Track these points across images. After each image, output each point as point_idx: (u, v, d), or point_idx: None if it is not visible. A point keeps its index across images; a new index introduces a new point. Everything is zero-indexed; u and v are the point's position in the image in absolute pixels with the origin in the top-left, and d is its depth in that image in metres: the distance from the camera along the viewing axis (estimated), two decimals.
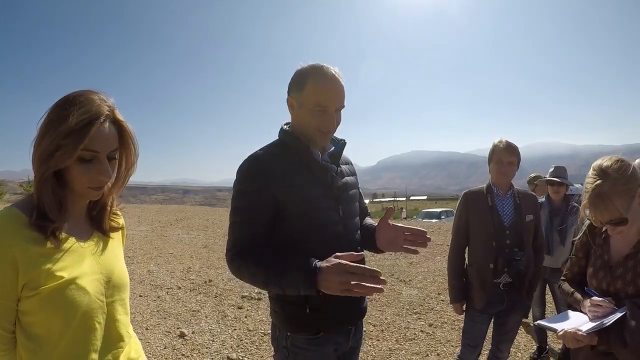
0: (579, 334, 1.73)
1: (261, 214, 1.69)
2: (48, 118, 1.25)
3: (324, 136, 1.76)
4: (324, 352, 1.84)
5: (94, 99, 1.28)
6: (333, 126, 1.75)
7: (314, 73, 1.70)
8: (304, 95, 1.70)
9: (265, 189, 1.67)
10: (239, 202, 1.72)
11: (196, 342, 4.89)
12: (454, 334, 5.05)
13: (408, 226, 1.83)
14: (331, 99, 1.70)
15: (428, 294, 6.77)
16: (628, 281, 1.80)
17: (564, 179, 4.31)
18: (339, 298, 1.79)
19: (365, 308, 2.02)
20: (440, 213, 26.41)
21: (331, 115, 1.72)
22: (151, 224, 15.83)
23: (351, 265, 1.44)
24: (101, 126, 1.26)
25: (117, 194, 1.49)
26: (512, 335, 3.17)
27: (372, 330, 5.21)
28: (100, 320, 1.35)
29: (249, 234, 1.69)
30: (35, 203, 1.26)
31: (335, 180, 1.81)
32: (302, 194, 1.72)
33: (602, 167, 1.75)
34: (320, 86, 1.69)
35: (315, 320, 1.78)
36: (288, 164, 1.74)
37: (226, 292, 6.85)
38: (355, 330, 1.98)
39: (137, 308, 6.03)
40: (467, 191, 3.16)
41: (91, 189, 1.32)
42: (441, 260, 9.10)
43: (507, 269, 2.86)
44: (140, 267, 8.59)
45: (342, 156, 1.97)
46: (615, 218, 1.72)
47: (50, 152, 1.22)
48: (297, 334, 1.82)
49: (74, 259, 1.30)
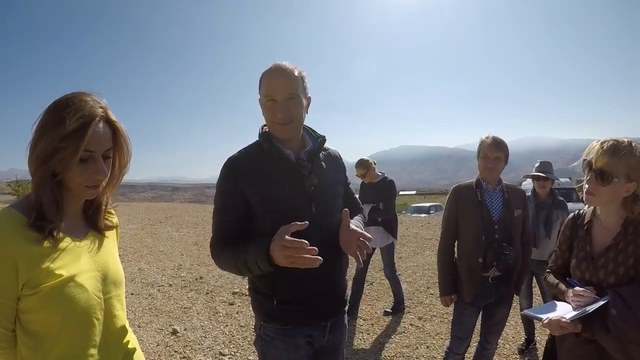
0: (563, 321, 1.78)
1: (234, 213, 1.83)
2: (43, 121, 1.28)
3: (282, 128, 1.81)
4: (294, 343, 1.89)
5: (87, 100, 1.31)
6: (283, 115, 1.77)
7: (264, 72, 1.82)
8: (260, 93, 1.81)
9: (235, 191, 1.81)
10: (217, 202, 1.88)
11: (188, 338, 4.92)
12: (443, 327, 5.12)
13: (361, 231, 1.83)
14: (277, 88, 1.76)
15: (417, 288, 6.83)
16: (610, 271, 1.86)
17: (549, 173, 4.38)
18: (309, 294, 1.86)
19: (344, 304, 2.04)
20: (429, 208, 26.46)
21: (281, 104, 1.77)
22: (141, 222, 15.76)
23: (286, 240, 1.57)
24: (96, 127, 1.30)
25: (111, 193, 1.53)
26: (500, 327, 3.22)
27: (362, 324, 5.26)
28: (99, 316, 1.38)
29: (226, 231, 1.85)
30: (34, 204, 1.28)
31: (308, 179, 1.84)
32: (272, 193, 1.80)
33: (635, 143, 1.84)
34: (268, 79, 1.79)
35: (282, 312, 1.87)
36: (262, 164, 1.83)
37: (217, 289, 6.87)
38: (332, 326, 1.99)
39: (129, 306, 6.01)
40: (457, 186, 3.19)
41: (88, 188, 1.35)
42: (430, 254, 9.17)
43: (496, 263, 2.89)
44: (131, 265, 8.58)
45: (327, 153, 2.02)
46: (607, 170, 1.79)
47: (49, 154, 1.25)
48: (267, 323, 1.91)
49: (72, 258, 1.32)
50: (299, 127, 1.87)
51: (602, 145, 1.82)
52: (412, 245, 10.42)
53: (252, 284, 1.96)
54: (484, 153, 2.97)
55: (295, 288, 1.84)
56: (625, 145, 1.79)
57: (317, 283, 1.86)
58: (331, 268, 1.88)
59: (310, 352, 1.95)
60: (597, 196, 1.87)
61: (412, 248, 10.07)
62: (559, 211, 4.30)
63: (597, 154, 1.82)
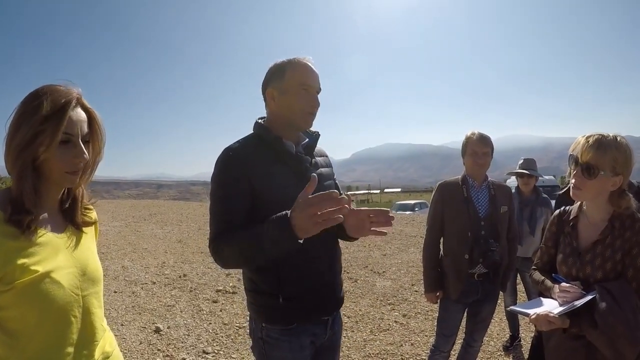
0: (551, 316, 1.78)
1: (239, 203, 1.72)
2: (19, 112, 1.26)
3: (309, 117, 1.84)
4: (300, 343, 1.85)
5: (60, 87, 1.31)
6: (317, 105, 1.84)
7: (291, 62, 1.81)
8: (286, 81, 1.79)
9: (242, 178, 1.71)
10: (218, 193, 1.75)
11: (172, 336, 4.87)
12: (427, 324, 5.13)
13: (370, 208, 1.84)
14: (312, 79, 1.82)
15: (402, 285, 6.84)
16: (597, 266, 1.86)
17: (533, 171, 4.41)
18: (313, 288, 1.82)
19: (342, 298, 2.04)
20: (414, 205, 26.60)
21: (314, 95, 1.83)
22: (125, 220, 15.65)
23: (308, 197, 1.44)
24: (74, 109, 1.30)
25: (86, 183, 1.49)
26: (485, 324, 3.22)
27: (346, 322, 5.24)
28: (76, 313, 1.34)
29: (230, 223, 1.71)
30: (14, 196, 1.25)
31: (309, 171, 1.84)
32: (277, 182, 1.76)
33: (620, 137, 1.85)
34: (301, 68, 1.81)
35: (289, 310, 1.80)
36: (262, 155, 1.79)
37: (201, 287, 6.83)
38: (332, 322, 1.98)
39: (112, 304, 5.96)
40: (443, 182, 3.18)
41: (68, 174, 1.33)
42: (414, 251, 9.20)
43: (483, 259, 2.89)
44: (115, 262, 8.50)
45: (317, 148, 2.01)
46: (593, 164, 1.79)
47: (28, 140, 1.23)
48: (271, 324, 1.84)
49: (49, 253, 1.29)
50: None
51: (587, 140, 1.83)
52: (397, 243, 10.45)
53: (251, 284, 1.88)
54: (472, 150, 2.96)
55: (300, 283, 1.81)
56: (611, 139, 1.80)
57: (320, 277, 1.86)
58: (331, 261, 1.91)
59: (312, 351, 1.94)
60: (584, 190, 1.87)
61: (396, 245, 10.10)
62: (542, 208, 4.33)
63: (582, 149, 1.83)
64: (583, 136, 1.88)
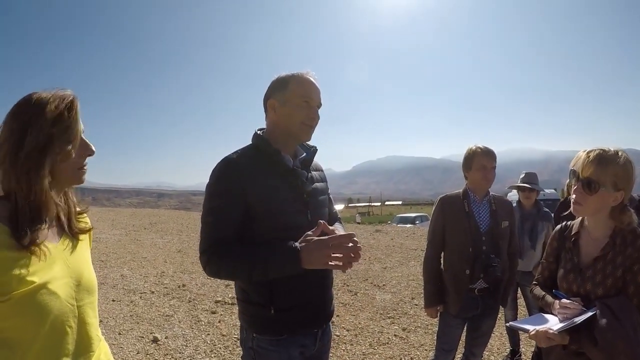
0: (551, 332, 1.76)
1: (233, 214, 1.74)
2: (19, 119, 1.24)
3: (308, 130, 1.88)
4: (289, 354, 1.86)
5: (53, 91, 1.31)
6: (316, 118, 1.88)
7: (295, 76, 1.86)
8: (289, 92, 1.83)
9: (237, 190, 1.73)
10: (212, 203, 1.78)
11: (169, 347, 4.83)
12: (427, 338, 5.09)
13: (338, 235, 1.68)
14: (314, 93, 1.87)
15: (402, 298, 6.81)
16: (597, 283, 1.84)
17: (534, 185, 4.42)
18: (304, 301, 1.84)
19: (333, 311, 2.05)
20: (415, 218, 26.53)
21: (315, 109, 1.88)
22: (125, 228, 15.63)
23: (326, 239, 1.60)
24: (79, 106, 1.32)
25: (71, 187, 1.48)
26: (485, 339, 3.20)
27: (345, 335, 5.21)
28: (72, 324, 1.33)
29: (223, 234, 1.74)
30: (20, 208, 1.23)
31: (305, 185, 1.89)
32: (272, 195, 1.77)
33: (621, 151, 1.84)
34: (304, 82, 1.86)
35: (279, 321, 1.82)
36: (259, 166, 1.80)
37: (200, 297, 6.79)
38: (322, 334, 2.00)
39: (110, 313, 5.94)
40: (444, 196, 3.17)
41: (79, 171, 1.34)
42: (415, 265, 9.17)
43: (484, 274, 2.87)
44: (114, 271, 8.48)
45: (314, 163, 2.04)
46: (594, 179, 1.78)
47: (44, 144, 1.22)
48: (261, 335, 1.86)
49: (45, 263, 1.26)
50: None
51: (588, 155, 1.82)
52: (397, 256, 10.43)
53: (243, 295, 1.90)
54: (481, 164, 2.93)
55: (292, 296, 1.82)
56: (612, 154, 1.80)
57: (312, 290, 1.87)
58: (323, 275, 1.92)
59: None
60: (585, 206, 1.86)
61: (397, 258, 10.07)
62: (544, 222, 4.33)
63: (583, 164, 1.82)
64: (584, 151, 1.87)
